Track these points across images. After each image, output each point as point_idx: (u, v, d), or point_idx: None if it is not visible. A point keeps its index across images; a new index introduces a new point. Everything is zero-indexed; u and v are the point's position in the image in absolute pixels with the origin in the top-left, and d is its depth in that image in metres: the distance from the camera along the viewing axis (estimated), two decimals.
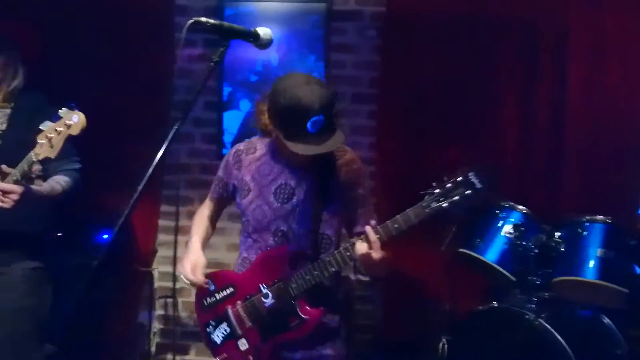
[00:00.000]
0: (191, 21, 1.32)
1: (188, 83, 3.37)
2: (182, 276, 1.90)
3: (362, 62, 3.31)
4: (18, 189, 1.86)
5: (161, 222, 3.39)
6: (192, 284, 1.88)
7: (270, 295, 1.79)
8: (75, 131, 1.84)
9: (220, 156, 3.36)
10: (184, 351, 3.36)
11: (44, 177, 2.11)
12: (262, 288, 1.81)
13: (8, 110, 2.11)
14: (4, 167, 1.86)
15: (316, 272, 1.72)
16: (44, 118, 1.90)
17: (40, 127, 1.87)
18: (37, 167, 1.94)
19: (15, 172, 1.87)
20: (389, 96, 3.26)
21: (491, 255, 2.49)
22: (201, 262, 1.89)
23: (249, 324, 1.82)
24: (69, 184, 2.09)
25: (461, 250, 2.60)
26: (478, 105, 3.21)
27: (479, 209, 2.67)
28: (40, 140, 1.86)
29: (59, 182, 2.07)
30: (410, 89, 3.22)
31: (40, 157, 1.86)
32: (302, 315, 1.76)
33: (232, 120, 3.32)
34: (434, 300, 3.10)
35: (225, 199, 2.03)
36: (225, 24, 1.38)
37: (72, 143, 2.06)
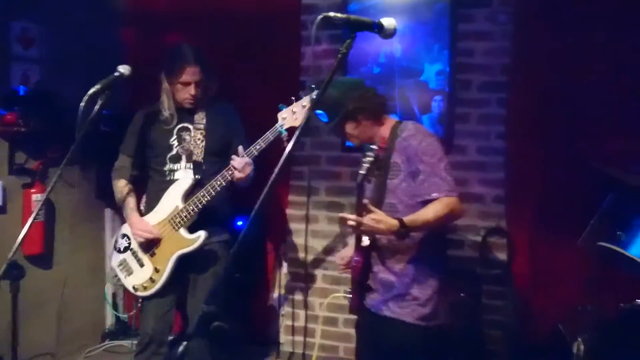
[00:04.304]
0: (321, 17, 1.39)
1: (314, 79, 3.54)
2: None
3: (492, 49, 3.18)
4: (250, 160, 2.39)
5: (290, 212, 3.58)
6: None
7: None
8: None
9: (345, 148, 3.46)
10: (311, 334, 3.51)
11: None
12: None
13: (204, 113, 2.60)
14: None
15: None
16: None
17: (280, 106, 2.36)
18: (285, 134, 2.37)
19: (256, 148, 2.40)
20: (522, 83, 3.09)
21: (637, 250, 2.28)
22: None
23: None
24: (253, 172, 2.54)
25: (601, 244, 2.41)
26: (630, 89, 2.89)
27: (623, 201, 2.46)
28: (283, 115, 2.33)
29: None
30: (547, 74, 3.02)
31: (286, 126, 2.32)
32: None
33: None
34: (571, 297, 2.91)
35: None
36: (352, 17, 1.43)
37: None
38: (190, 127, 2.57)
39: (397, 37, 3.26)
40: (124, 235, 2.57)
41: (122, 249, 2.56)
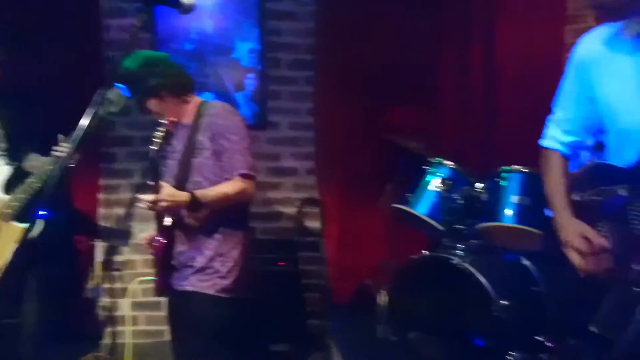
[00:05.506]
0: None
1: (122, 54, 3.34)
2: None
3: (298, 28, 3.35)
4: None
5: (102, 196, 3.38)
6: None
7: None
8: None
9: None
10: (134, 322, 3.40)
11: None
12: None
13: None
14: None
15: None
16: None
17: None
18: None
19: None
20: (325, 62, 3.32)
21: (422, 209, 2.64)
22: None
23: None
24: None
25: (394, 205, 2.74)
26: (416, 66, 3.30)
27: (411, 167, 2.82)
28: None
29: None
30: (346, 53, 3.28)
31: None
32: None
33: None
34: (375, 255, 3.25)
35: None
36: None
37: None
38: None
39: (207, 13, 3.30)
40: None
41: None
